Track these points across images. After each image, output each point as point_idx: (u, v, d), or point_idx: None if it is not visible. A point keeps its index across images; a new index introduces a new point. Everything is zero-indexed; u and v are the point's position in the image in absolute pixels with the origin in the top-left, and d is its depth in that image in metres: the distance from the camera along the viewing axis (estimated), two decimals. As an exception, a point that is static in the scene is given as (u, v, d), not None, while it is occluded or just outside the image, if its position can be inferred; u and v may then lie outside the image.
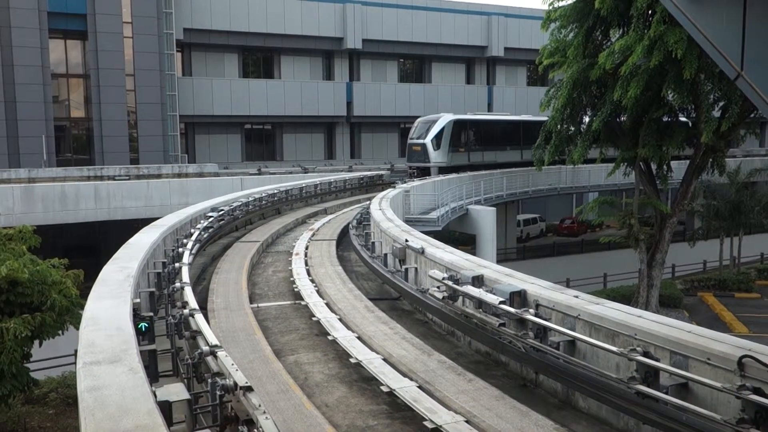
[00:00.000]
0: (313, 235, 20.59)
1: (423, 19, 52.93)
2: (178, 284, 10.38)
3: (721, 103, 25.87)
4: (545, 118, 39.33)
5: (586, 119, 28.61)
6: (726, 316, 30.31)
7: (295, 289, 13.66)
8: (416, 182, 29.94)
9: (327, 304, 12.31)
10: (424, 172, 35.79)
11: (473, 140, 38.90)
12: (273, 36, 48.42)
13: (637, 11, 22.90)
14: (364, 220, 20.24)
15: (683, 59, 21.39)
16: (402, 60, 57.13)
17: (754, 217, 38.46)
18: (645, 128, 25.84)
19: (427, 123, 36.84)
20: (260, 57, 51.82)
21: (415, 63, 57.91)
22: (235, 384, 5.95)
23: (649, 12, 23.49)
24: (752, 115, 26.30)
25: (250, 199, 24.04)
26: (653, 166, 29.06)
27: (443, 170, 35.47)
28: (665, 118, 26.44)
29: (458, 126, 37.30)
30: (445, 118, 36.69)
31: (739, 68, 5.79)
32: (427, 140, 35.59)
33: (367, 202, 21.82)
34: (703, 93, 24.25)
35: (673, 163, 30.43)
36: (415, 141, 36.34)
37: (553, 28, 28.45)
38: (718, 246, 38.58)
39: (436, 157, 35.62)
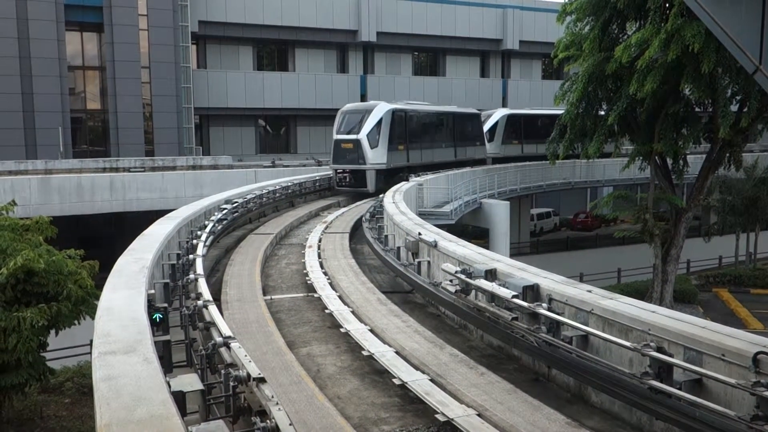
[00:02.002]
0: (326, 227, 20.62)
1: (438, 11, 52.71)
2: (192, 276, 10.45)
3: (738, 98, 25.62)
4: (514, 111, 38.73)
5: (602, 113, 28.42)
6: (741, 312, 30.08)
7: (308, 282, 13.70)
8: (429, 176, 29.83)
9: (340, 297, 12.34)
10: (358, 179, 29.24)
11: (412, 136, 32.75)
12: (287, 29, 48.45)
13: (655, 4, 22.70)
14: (377, 213, 20.25)
15: (701, 53, 21.17)
16: (416, 53, 56.98)
17: (770, 213, 38.11)
18: (661, 122, 25.62)
19: (359, 113, 29.93)
20: (275, 50, 51.89)
21: (430, 56, 57.73)
22: (248, 375, 5.98)
23: (667, 5, 23.26)
24: (771, 110, 26.02)
25: (264, 191, 24.11)
26: (669, 161, 28.84)
27: (382, 174, 29.33)
28: (682, 113, 26.20)
29: (398, 118, 30.97)
30: (381, 108, 30.07)
31: (757, 62, 5.73)
32: (362, 135, 28.75)
33: (381, 195, 21.82)
34: (721, 87, 24.01)
35: (689, 158, 30.22)
36: (345, 137, 29.44)
37: (568, 21, 28.26)
38: (733, 241, 38.27)
39: (374, 157, 28.82)
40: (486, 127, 41.16)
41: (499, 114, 42.85)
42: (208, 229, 15.29)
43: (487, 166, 37.96)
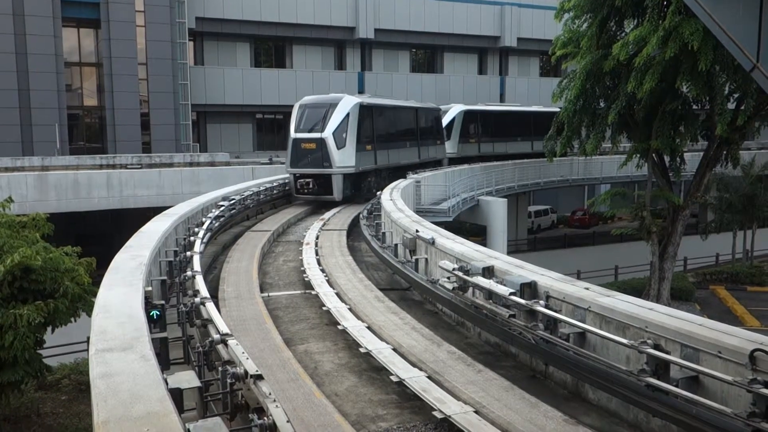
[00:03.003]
0: (323, 224, 20.61)
1: (435, 8, 52.68)
2: (189, 273, 10.43)
3: (736, 95, 25.65)
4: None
5: (599, 110, 28.43)
6: (738, 309, 30.15)
7: (306, 279, 13.69)
8: (427, 173, 29.80)
9: (337, 294, 12.34)
10: (323, 186, 24.81)
11: (380, 134, 28.34)
12: (285, 25, 48.38)
13: (653, 1, 22.71)
14: (374, 210, 20.24)
15: (698, 51, 21.19)
16: (414, 50, 56.94)
17: (767, 211, 38.18)
18: (659, 120, 25.65)
19: (322, 107, 25.36)
20: (272, 46, 51.81)
21: (427, 53, 57.70)
22: (246, 372, 5.98)
23: (665, 2, 23.27)
24: (768, 108, 26.07)
25: (261, 188, 24.09)
26: (666, 158, 28.88)
27: (349, 179, 25.32)
28: (679, 110, 26.23)
29: (366, 113, 26.50)
30: (348, 101, 25.62)
31: (755, 60, 5.73)
32: (327, 134, 24.34)
33: (378, 192, 21.82)
34: (718, 85, 24.03)
35: (687, 155, 30.26)
36: (306, 135, 24.73)
37: (566, 18, 28.27)
38: (730, 239, 38.36)
39: (341, 159, 24.52)
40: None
41: (455, 110, 39.44)
42: (205, 226, 15.27)
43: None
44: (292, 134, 24.89)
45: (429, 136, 33.41)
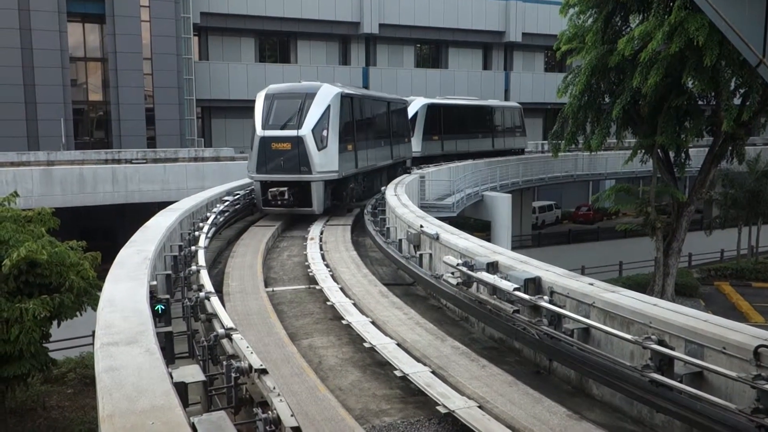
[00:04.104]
0: (328, 219, 20.62)
1: (440, 3, 52.54)
2: (194, 267, 10.47)
3: (741, 91, 25.55)
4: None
5: (605, 106, 28.36)
6: (742, 305, 30.07)
7: (310, 274, 13.71)
8: (431, 168, 29.76)
9: (341, 289, 12.36)
10: (300, 196, 19.97)
11: (359, 133, 23.16)
12: (289, 20, 48.32)
13: (658, -4, 22.60)
14: (379, 205, 20.25)
15: (704, 46, 21.11)
16: (419, 45, 56.82)
17: (773, 207, 38.05)
18: (664, 115, 25.56)
19: (297, 98, 20.47)
20: (276, 41, 51.75)
21: (432, 48, 57.58)
22: (250, 366, 6.00)
23: (670, -3, 23.18)
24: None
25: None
26: (671, 154, 28.80)
27: (330, 187, 20.63)
28: (685, 106, 26.15)
29: (347, 106, 21.69)
30: (328, 92, 20.69)
31: (761, 55, 5.71)
32: (306, 131, 19.56)
33: (383, 188, 21.81)
34: (724, 80, 23.93)
35: (692, 151, 30.15)
36: (278, 133, 19.85)
37: (571, 13, 28.17)
38: (735, 235, 38.21)
39: (322, 162, 19.79)
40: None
41: (417, 104, 34.83)
42: (210, 221, 15.31)
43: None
44: (259, 131, 19.81)
45: (399, 133, 29.24)
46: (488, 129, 41.86)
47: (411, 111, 33.72)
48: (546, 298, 8.53)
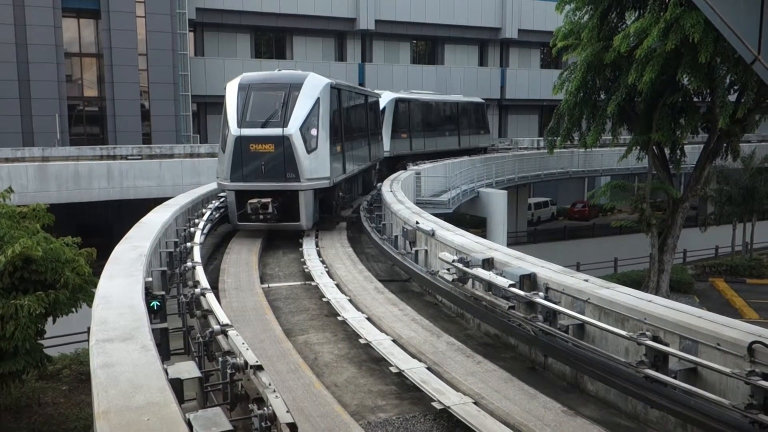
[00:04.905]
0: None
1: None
2: (189, 263, 10.45)
3: (736, 88, 25.61)
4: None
5: (600, 102, 28.39)
6: (737, 302, 30.19)
7: (306, 270, 13.72)
8: (427, 164, 29.75)
9: (337, 285, 12.37)
10: (286, 208, 16.63)
11: (347, 131, 20.32)
12: (285, 16, 48.19)
13: (654, -7, 22.63)
14: (375, 201, 20.25)
15: (699, 43, 21.15)
16: (415, 41, 56.77)
17: (767, 203, 38.19)
18: (659, 112, 25.62)
19: (280, 89, 17.16)
20: (272, 37, 51.64)
21: (428, 44, 57.53)
22: (246, 363, 6.00)
23: (666, -6, 23.21)
24: (769, 100, 26.03)
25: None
26: (666, 151, 28.87)
27: (319, 196, 17.52)
28: (680, 103, 26.20)
29: (334, 100, 18.60)
30: (316, 81, 17.43)
31: (756, 52, 5.72)
32: (293, 129, 16.34)
33: (378, 184, 21.80)
34: (719, 77, 23.99)
35: (687, 148, 30.23)
36: (259, 132, 16.48)
37: (568, 10, 28.18)
38: (730, 231, 38.36)
39: (312, 167, 16.66)
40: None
41: (385, 98, 31.24)
42: (205, 217, 15.28)
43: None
44: (234, 130, 16.40)
45: (375, 131, 26.09)
46: (455, 126, 39.65)
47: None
48: (541, 294, 8.55)
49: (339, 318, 10.48)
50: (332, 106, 18.03)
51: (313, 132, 16.72)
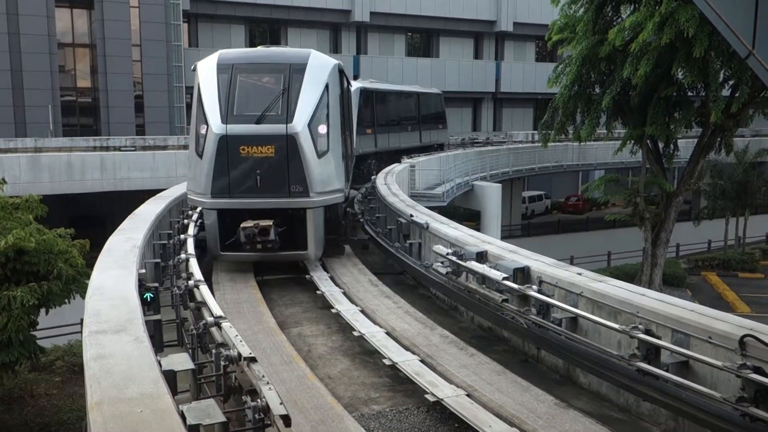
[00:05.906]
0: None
1: (431, -8, 52.37)
2: (183, 255, 10.43)
3: (731, 82, 25.66)
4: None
5: (595, 96, 28.40)
6: (729, 295, 30.33)
7: (300, 263, 13.70)
8: (422, 158, 29.72)
9: (331, 278, 12.37)
10: (290, 233, 12.48)
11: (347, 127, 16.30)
12: (280, 7, 47.98)
13: (649, -13, 22.61)
14: (369, 194, 20.24)
15: (694, 37, 21.17)
16: (410, 34, 56.61)
17: (760, 198, 38.37)
18: (653, 106, 25.64)
19: (277, 71, 12.79)
20: (267, 29, 51.42)
21: (423, 37, 57.39)
22: (239, 355, 6.01)
23: (661, -12, 23.17)
24: (762, 95, 26.04)
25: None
26: (660, 145, 28.92)
27: (327, 213, 13.21)
28: (674, 97, 26.22)
29: (342, 86, 14.42)
30: (322, 61, 13.31)
31: (750, 46, 5.73)
32: (300, 125, 12.11)
33: (373, 177, 21.78)
34: (713, 72, 24.02)
35: (680, 142, 30.28)
36: (253, 131, 12.07)
37: (563, 3, 28.12)
38: (723, 226, 38.50)
39: (324, 176, 12.51)
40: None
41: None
42: (199, 210, 15.21)
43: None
44: (216, 127, 12.08)
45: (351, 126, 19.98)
46: (416, 120, 35.72)
47: None
48: (535, 287, 8.57)
49: (333, 310, 10.49)
50: (341, 94, 14.04)
51: (322, 129, 12.53)
